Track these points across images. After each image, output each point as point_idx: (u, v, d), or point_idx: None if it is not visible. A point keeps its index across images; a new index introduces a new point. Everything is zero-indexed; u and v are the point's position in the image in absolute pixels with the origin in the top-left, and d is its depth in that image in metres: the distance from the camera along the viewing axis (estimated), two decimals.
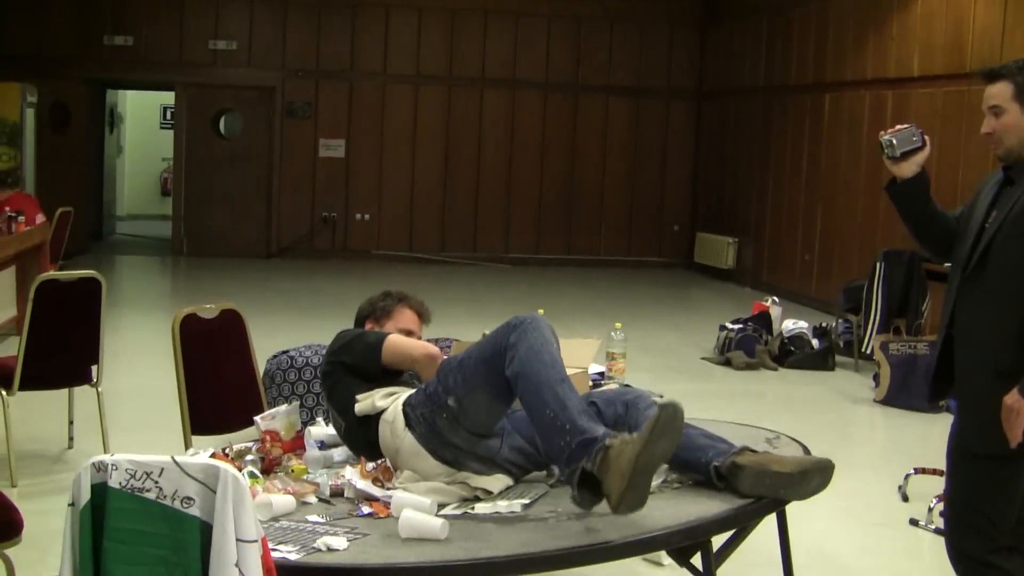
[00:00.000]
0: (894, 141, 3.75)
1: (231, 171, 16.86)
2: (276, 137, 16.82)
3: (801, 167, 14.06)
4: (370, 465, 3.70)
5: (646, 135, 17.49)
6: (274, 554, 2.96)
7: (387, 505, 3.44)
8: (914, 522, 5.77)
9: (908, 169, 3.78)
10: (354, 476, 3.60)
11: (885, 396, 8.62)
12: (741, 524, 3.46)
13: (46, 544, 4.59)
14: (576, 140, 17.32)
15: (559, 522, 3.30)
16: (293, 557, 3.03)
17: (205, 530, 2.62)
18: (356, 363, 3.98)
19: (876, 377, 8.85)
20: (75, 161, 16.30)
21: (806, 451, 3.95)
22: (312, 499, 3.56)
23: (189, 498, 2.62)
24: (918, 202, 3.87)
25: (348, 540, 3.17)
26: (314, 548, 3.10)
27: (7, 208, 9.93)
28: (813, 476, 3.52)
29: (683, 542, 3.25)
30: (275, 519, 3.36)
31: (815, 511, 5.71)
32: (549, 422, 3.40)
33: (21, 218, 9.83)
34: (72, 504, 2.66)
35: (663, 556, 5.03)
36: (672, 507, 3.36)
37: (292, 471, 3.73)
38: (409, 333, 4.27)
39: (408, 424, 3.71)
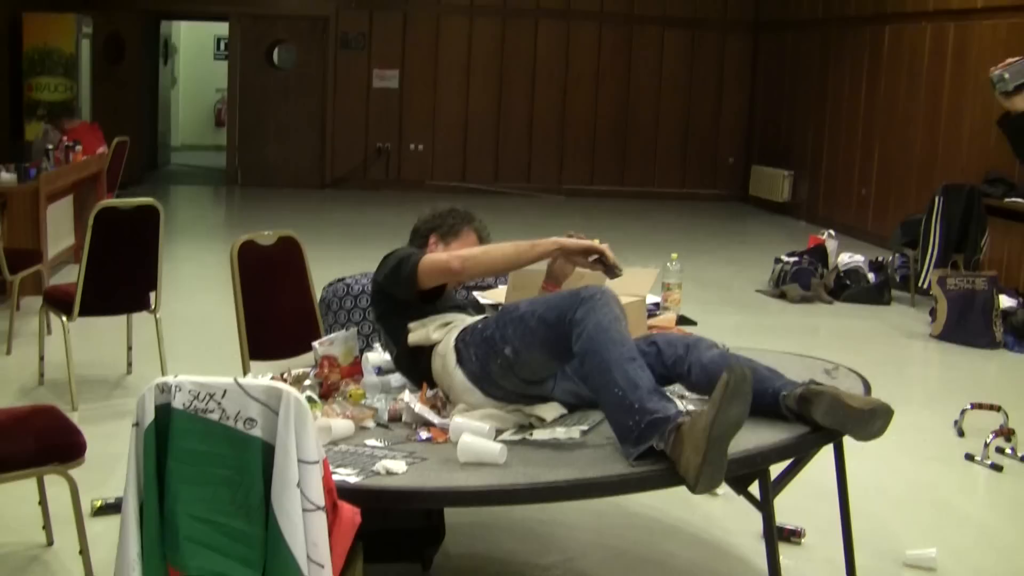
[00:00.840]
0: (1006, 75, 3.68)
1: (285, 102, 16.87)
2: (330, 68, 16.79)
3: (859, 100, 13.87)
4: (430, 392, 3.72)
5: (701, 67, 17.31)
6: (334, 476, 2.99)
7: (445, 430, 3.46)
8: (969, 457, 5.74)
9: (1021, 103, 3.72)
10: (413, 400, 3.62)
11: (941, 331, 8.55)
12: (799, 454, 3.45)
13: (107, 466, 4.68)
14: (631, 72, 17.17)
15: (616, 449, 3.30)
16: (352, 480, 3.05)
17: (267, 451, 2.65)
18: (397, 292, 3.89)
19: (933, 312, 8.77)
20: (130, 92, 16.39)
21: (865, 383, 3.92)
22: (370, 424, 3.59)
23: (251, 419, 2.65)
24: None
25: (407, 464, 3.19)
26: (373, 471, 3.13)
27: (65, 138, 10.01)
28: (878, 418, 3.48)
29: (741, 471, 3.24)
30: (334, 443, 3.39)
31: (871, 445, 5.69)
32: (617, 401, 3.30)
33: (78, 148, 9.90)
34: (136, 424, 2.69)
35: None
36: None
37: (350, 396, 3.75)
38: None
39: (459, 361, 3.70)
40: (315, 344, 3.90)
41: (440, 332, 3.81)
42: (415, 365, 3.85)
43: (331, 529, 2.71)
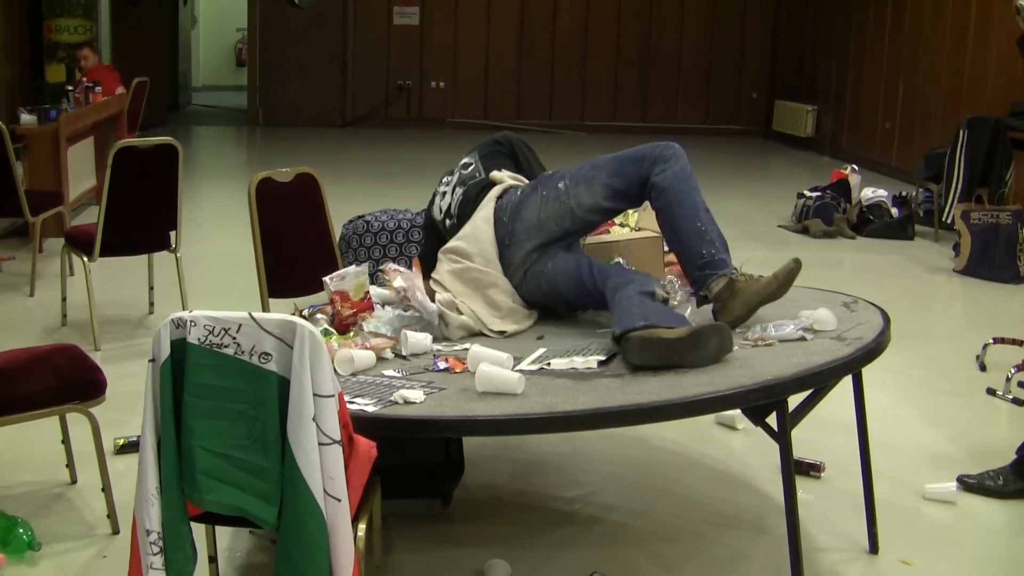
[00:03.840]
0: None
1: (305, 40, 16.80)
2: (350, 5, 16.70)
3: (883, 33, 13.71)
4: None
5: (724, 1, 17.13)
6: (351, 406, 3.00)
7: (463, 360, 3.47)
8: (991, 391, 5.72)
9: None
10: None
11: (965, 266, 8.49)
12: (817, 385, 3.43)
13: (130, 405, 4.68)
14: (653, 6, 17.02)
15: (635, 379, 3.30)
16: (370, 409, 3.06)
17: (283, 385, 2.65)
18: None
19: (956, 247, 8.72)
20: (150, 33, 16.35)
21: (885, 316, 3.90)
22: (389, 354, 3.59)
23: (267, 353, 2.65)
24: None
25: (425, 393, 3.20)
26: (391, 401, 3.13)
27: (84, 79, 10.00)
28: (706, 339, 3.39)
29: (759, 400, 3.23)
30: (353, 374, 3.40)
31: (892, 378, 5.70)
32: (697, 231, 3.80)
33: (98, 89, 9.89)
34: (152, 360, 2.70)
35: (737, 420, 5.05)
36: (748, 366, 3.34)
37: (360, 324, 3.79)
38: None
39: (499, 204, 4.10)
40: (326, 279, 3.91)
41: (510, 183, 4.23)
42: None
43: (347, 463, 2.72)
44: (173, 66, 18.33)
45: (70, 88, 9.51)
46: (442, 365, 3.48)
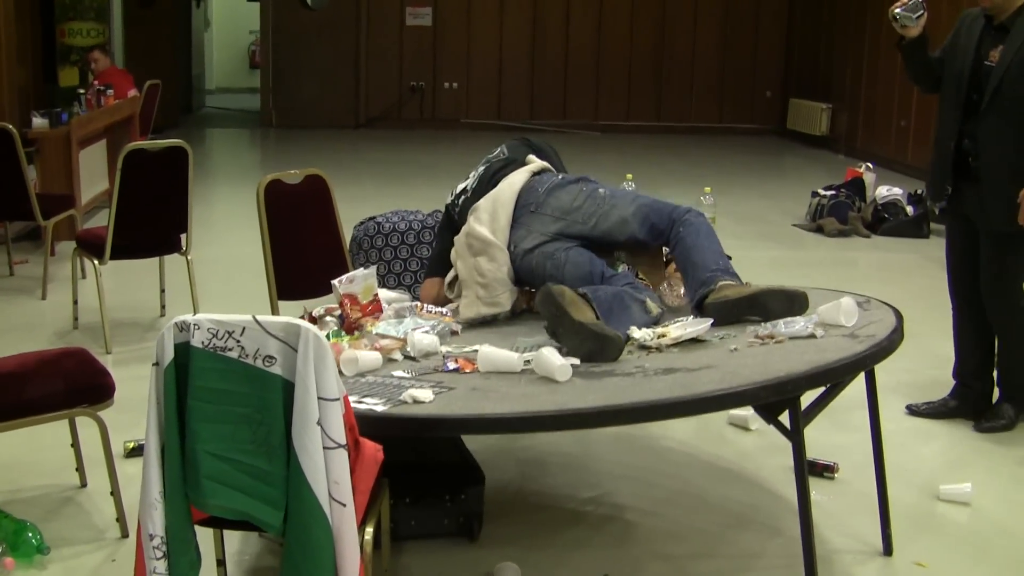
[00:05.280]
0: (901, 12, 4.81)
1: (318, 42, 16.79)
2: (363, 7, 16.69)
3: None
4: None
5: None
6: (360, 406, 2.99)
7: (473, 361, 3.46)
8: None
9: (915, 31, 4.87)
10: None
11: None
12: (830, 381, 3.40)
13: (140, 408, 4.65)
14: (666, 5, 16.98)
15: (645, 377, 3.28)
16: (380, 409, 3.04)
17: (287, 388, 2.63)
18: None
19: None
20: (162, 35, 16.37)
21: (898, 315, 3.87)
22: (399, 356, 3.57)
23: (271, 356, 2.63)
24: (922, 53, 5.01)
25: (434, 393, 3.18)
26: (400, 401, 3.12)
27: (96, 82, 10.01)
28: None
29: (771, 397, 3.21)
30: (361, 375, 3.39)
31: (907, 377, 5.66)
32: (716, 251, 4.01)
33: (110, 92, 9.90)
34: (156, 364, 2.68)
35: (750, 421, 5.02)
36: (761, 363, 3.32)
37: (365, 327, 3.78)
38: None
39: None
40: (335, 282, 3.89)
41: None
42: None
43: (353, 467, 2.70)
44: (186, 69, 18.36)
45: (82, 91, 9.51)
46: (452, 366, 3.47)
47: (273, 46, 16.92)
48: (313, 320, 3.96)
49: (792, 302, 3.81)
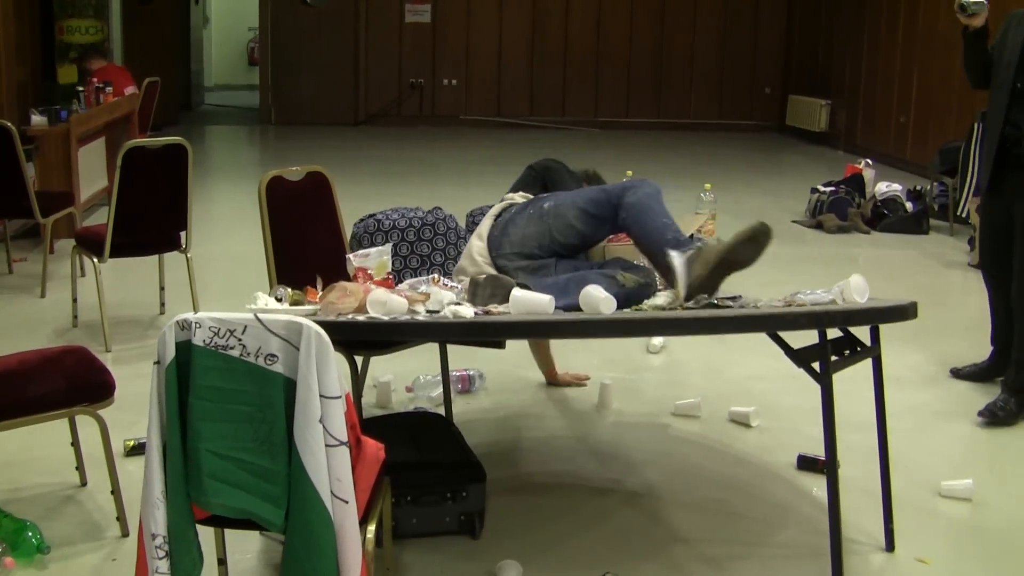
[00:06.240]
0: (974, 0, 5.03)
1: (318, 39, 16.78)
2: (362, 3, 16.68)
3: (898, 25, 13.64)
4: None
5: None
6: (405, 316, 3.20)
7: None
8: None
9: (979, 21, 5.11)
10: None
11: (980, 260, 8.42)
12: (862, 323, 3.59)
13: (140, 406, 4.65)
14: (666, 1, 16.96)
15: (687, 311, 3.59)
16: (423, 315, 3.12)
17: (289, 386, 2.63)
18: None
19: (971, 241, 8.65)
20: (161, 32, 16.33)
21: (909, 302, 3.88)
22: (421, 309, 3.54)
23: (272, 355, 2.62)
24: (983, 43, 5.22)
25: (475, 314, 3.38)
26: (442, 316, 3.30)
27: (95, 79, 9.99)
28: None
29: (808, 325, 3.34)
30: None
31: (908, 373, 5.66)
32: (662, 225, 4.02)
33: (109, 89, 9.88)
34: (158, 362, 2.68)
35: (751, 417, 5.02)
36: (794, 306, 3.56)
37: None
38: None
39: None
40: (350, 256, 3.90)
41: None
42: None
43: (355, 465, 2.69)
44: (185, 66, 18.33)
45: (80, 89, 9.49)
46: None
47: (272, 43, 16.91)
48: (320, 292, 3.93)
49: (756, 239, 3.82)
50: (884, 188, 10.11)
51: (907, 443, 4.83)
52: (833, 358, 3.45)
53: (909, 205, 9.92)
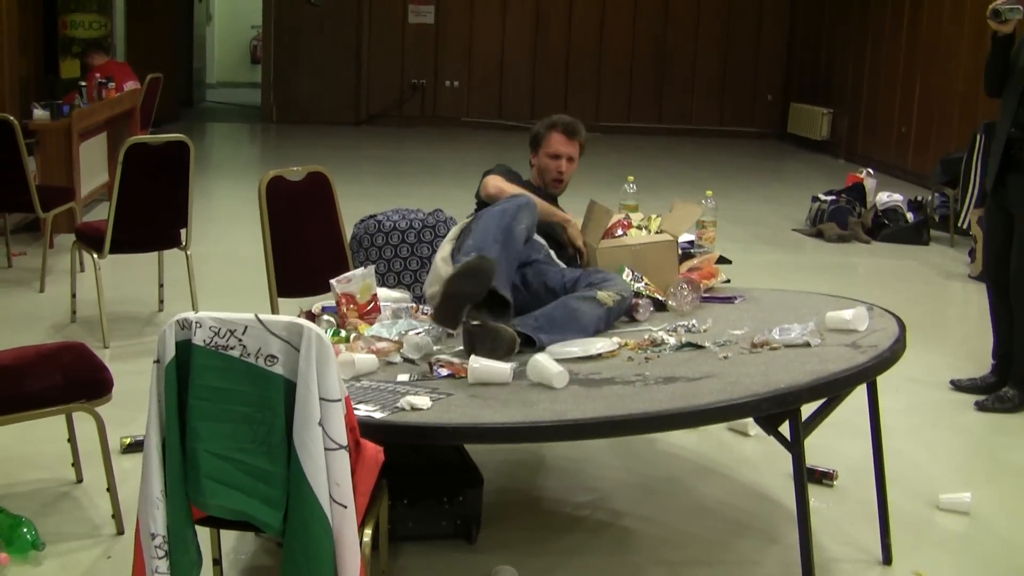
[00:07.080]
0: (1008, 7, 5.14)
1: (320, 38, 16.77)
2: (365, 3, 16.67)
3: (900, 34, 13.64)
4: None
5: (740, 2, 17.06)
6: (358, 412, 2.96)
7: (464, 366, 3.46)
8: None
9: (1009, 28, 5.22)
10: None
11: (980, 272, 8.41)
12: (831, 394, 3.38)
13: (137, 404, 4.64)
14: (668, 6, 16.96)
15: (646, 386, 3.26)
16: (378, 416, 3.02)
17: (289, 388, 2.61)
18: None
19: (972, 252, 8.65)
20: (164, 29, 16.33)
21: (900, 324, 3.86)
22: (397, 358, 3.56)
23: (273, 356, 2.61)
24: (1009, 51, 5.34)
25: (432, 400, 3.16)
26: (397, 407, 3.09)
27: (97, 75, 9.98)
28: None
29: (772, 409, 3.19)
30: (357, 379, 3.36)
31: (906, 384, 5.64)
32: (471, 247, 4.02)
33: (111, 85, 9.87)
34: (157, 361, 2.66)
35: (749, 426, 5.00)
36: (762, 373, 3.30)
37: (357, 329, 3.76)
38: (557, 155, 4.76)
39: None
40: (333, 282, 3.88)
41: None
42: None
43: (354, 468, 2.68)
44: (188, 62, 18.32)
45: (83, 83, 9.48)
46: (444, 372, 3.46)
47: (275, 41, 16.90)
48: (311, 317, 3.95)
49: (473, 273, 3.75)
50: (885, 198, 10.10)
51: (905, 456, 4.83)
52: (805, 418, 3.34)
53: (910, 215, 9.91)
